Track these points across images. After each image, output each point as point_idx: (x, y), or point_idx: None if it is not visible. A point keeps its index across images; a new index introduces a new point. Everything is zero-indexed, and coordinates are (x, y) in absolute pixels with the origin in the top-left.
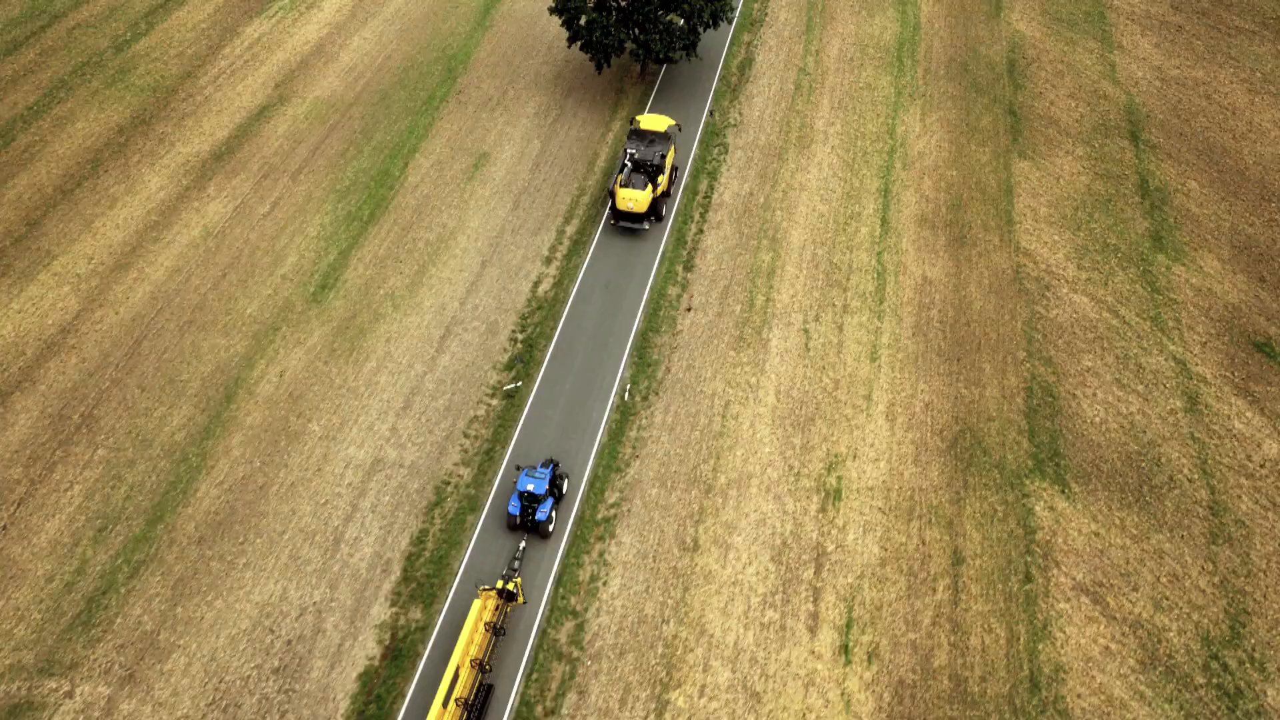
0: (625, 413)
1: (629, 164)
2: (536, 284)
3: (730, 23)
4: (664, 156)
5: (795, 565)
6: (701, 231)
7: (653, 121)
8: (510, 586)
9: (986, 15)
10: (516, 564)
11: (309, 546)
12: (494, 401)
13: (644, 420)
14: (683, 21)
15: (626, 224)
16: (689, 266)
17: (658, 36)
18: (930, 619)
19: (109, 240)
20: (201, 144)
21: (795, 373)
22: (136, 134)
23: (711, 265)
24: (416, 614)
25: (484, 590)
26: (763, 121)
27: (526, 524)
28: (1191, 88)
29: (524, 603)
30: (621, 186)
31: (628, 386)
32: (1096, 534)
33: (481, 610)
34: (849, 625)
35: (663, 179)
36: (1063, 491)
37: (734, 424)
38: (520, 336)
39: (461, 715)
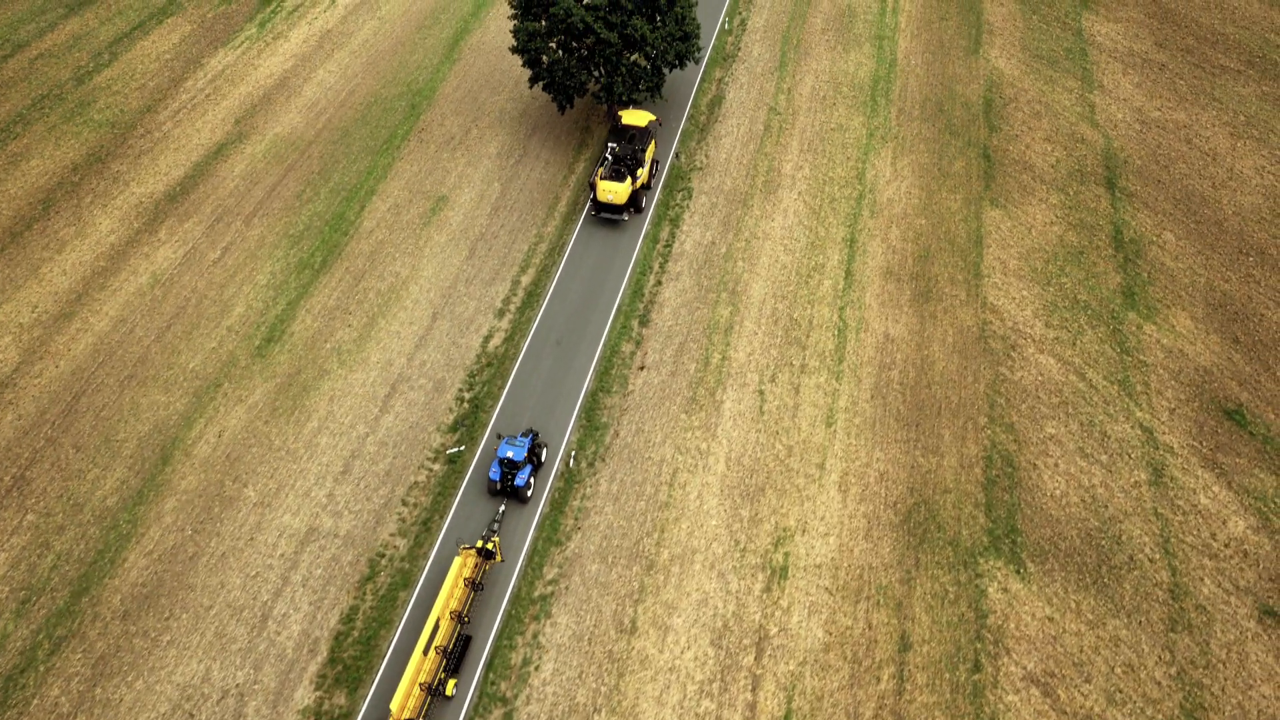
0: (570, 480)
1: (610, 157)
2: (487, 338)
3: (699, 62)
4: (643, 151)
5: (735, 650)
6: (660, 284)
7: (634, 117)
8: (489, 546)
9: (965, 51)
10: (496, 526)
11: (235, 623)
12: (435, 466)
13: (588, 489)
14: (647, 64)
15: (607, 214)
16: (645, 321)
17: (620, 79)
18: (872, 712)
19: (55, 287)
20: (156, 184)
21: (747, 438)
22: (91, 173)
23: (668, 320)
24: (340, 699)
25: (465, 549)
26: (729, 164)
27: (506, 489)
28: (1172, 131)
29: (501, 561)
30: (602, 179)
31: (573, 453)
32: (1050, 619)
33: (461, 567)
34: (787, 717)
35: (642, 172)
36: (1018, 572)
37: (681, 494)
38: (467, 396)
39: (440, 662)
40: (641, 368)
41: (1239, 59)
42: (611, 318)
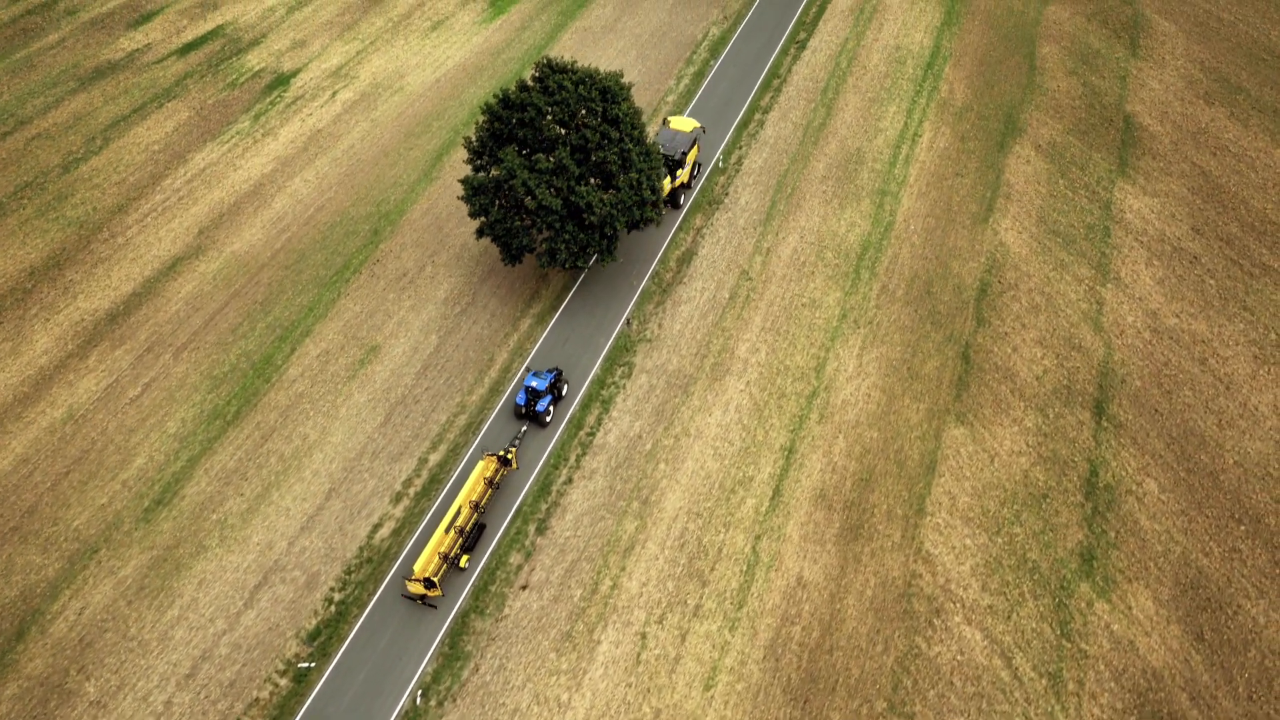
0: None
1: None
2: (376, 528)
3: (659, 224)
4: (685, 153)
5: None
6: (570, 482)
7: (680, 123)
8: (508, 455)
9: (973, 219)
10: (517, 441)
11: None
12: (282, 681)
13: None
14: (596, 229)
15: None
16: (542, 528)
17: (563, 245)
18: None
19: None
20: (103, 299)
21: (614, 694)
22: (45, 279)
23: (567, 530)
24: None
25: (487, 455)
26: (681, 339)
27: (529, 414)
28: (1186, 346)
29: (517, 469)
30: None
31: (420, 693)
32: None
33: (484, 470)
34: None
35: (682, 173)
36: None
37: None
38: (336, 598)
39: (457, 540)
40: (524, 587)
41: None
42: (508, 520)
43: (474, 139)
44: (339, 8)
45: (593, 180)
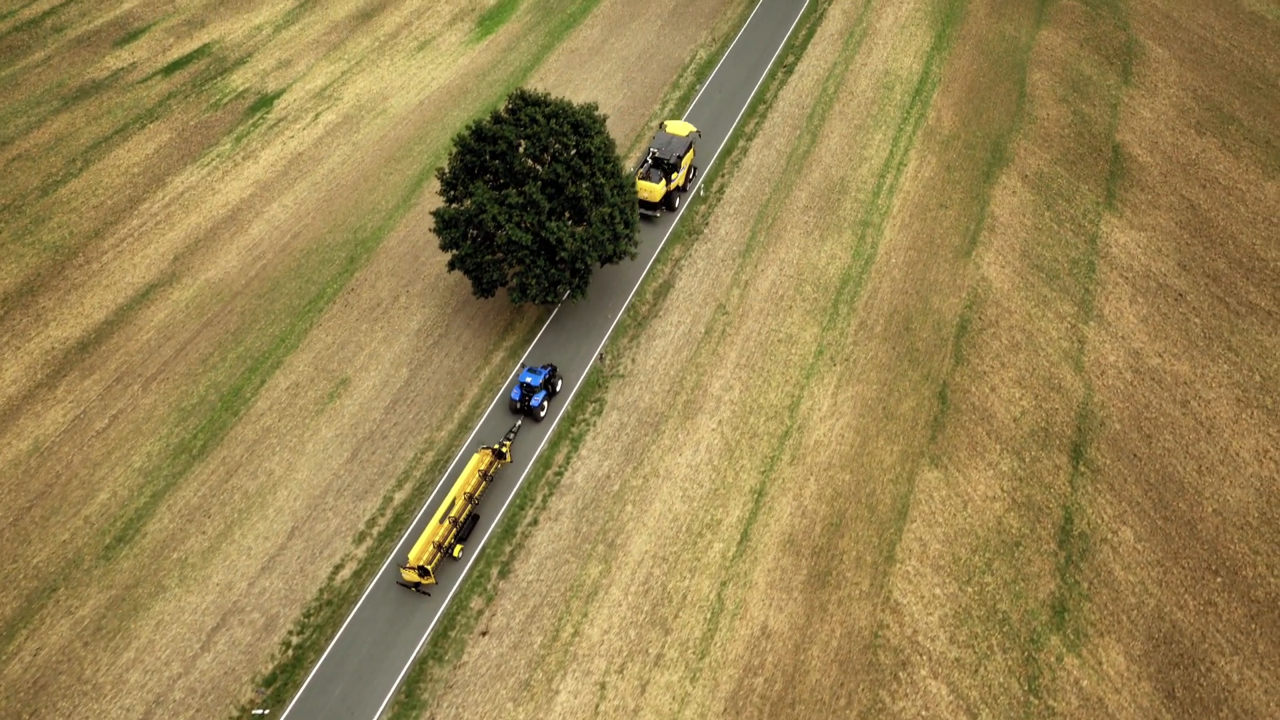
0: None
1: (650, 160)
2: (337, 569)
3: (634, 258)
4: (680, 157)
5: None
6: (535, 523)
7: (676, 127)
8: (503, 449)
9: (956, 252)
10: (512, 435)
11: None
12: None
13: None
14: (567, 265)
15: (644, 211)
16: (505, 572)
17: (534, 281)
18: None
19: None
20: (75, 327)
21: None
22: (18, 306)
23: (530, 574)
24: None
25: (483, 448)
26: (654, 375)
27: (523, 408)
28: (1169, 388)
29: (511, 462)
30: (641, 179)
31: None
32: None
33: (479, 462)
34: None
35: (677, 176)
36: None
37: None
38: (294, 641)
39: (451, 530)
40: (484, 633)
41: (1273, 296)
42: (470, 563)
43: (447, 170)
44: (326, 27)
45: (566, 214)
